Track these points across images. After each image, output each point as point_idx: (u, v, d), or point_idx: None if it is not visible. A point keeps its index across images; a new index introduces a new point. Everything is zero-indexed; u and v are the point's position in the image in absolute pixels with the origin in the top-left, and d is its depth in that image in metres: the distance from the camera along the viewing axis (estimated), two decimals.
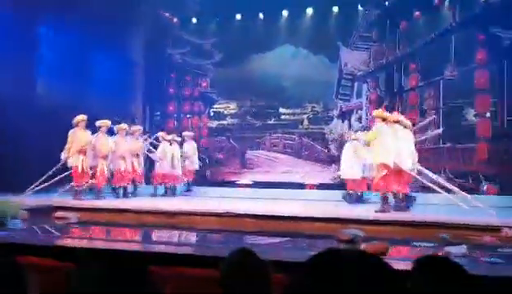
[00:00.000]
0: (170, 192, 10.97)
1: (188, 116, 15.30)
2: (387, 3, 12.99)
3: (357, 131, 11.58)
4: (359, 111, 13.52)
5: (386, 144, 7.54)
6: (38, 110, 11.04)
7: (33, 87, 11.78)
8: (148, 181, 11.45)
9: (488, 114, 11.53)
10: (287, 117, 14.40)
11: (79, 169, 9.05)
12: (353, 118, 13.57)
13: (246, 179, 13.71)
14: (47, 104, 11.34)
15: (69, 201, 8.63)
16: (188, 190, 11.57)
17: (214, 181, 13.94)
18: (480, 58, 11.50)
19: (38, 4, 11.28)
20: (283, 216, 7.20)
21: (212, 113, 15.23)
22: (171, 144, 11.22)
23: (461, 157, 11.86)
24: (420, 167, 8.43)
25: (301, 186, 12.42)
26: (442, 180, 8.74)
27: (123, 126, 10.35)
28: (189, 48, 15.18)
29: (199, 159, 12.62)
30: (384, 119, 7.92)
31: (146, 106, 15.21)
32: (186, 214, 7.71)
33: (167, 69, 15.31)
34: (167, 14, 15.14)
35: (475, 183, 11.45)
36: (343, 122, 13.67)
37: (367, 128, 13.10)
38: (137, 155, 10.40)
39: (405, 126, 8.20)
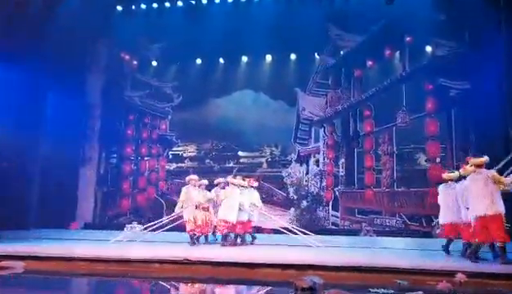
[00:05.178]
0: None
1: (146, 158, 15.05)
2: (342, 53, 13.59)
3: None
4: (316, 155, 13.75)
5: None
6: None
7: None
8: None
9: (438, 160, 12.06)
10: (246, 160, 14.44)
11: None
12: (311, 161, 13.78)
13: None
14: None
15: (16, 248, 8.10)
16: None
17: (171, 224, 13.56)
18: (430, 106, 12.20)
19: None
20: (239, 263, 7.04)
21: (170, 156, 15.06)
22: None
23: (414, 200, 12.23)
24: None
25: (258, 230, 12.28)
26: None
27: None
28: (148, 91, 15.15)
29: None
30: None
31: (103, 148, 14.88)
32: (141, 261, 7.40)
33: (125, 111, 15.13)
34: (126, 56, 15.13)
35: (429, 226, 11.78)
36: (301, 165, 13.84)
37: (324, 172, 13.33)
38: None
39: None
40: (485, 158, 7.10)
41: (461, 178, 7.73)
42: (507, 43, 10.77)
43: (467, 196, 7.22)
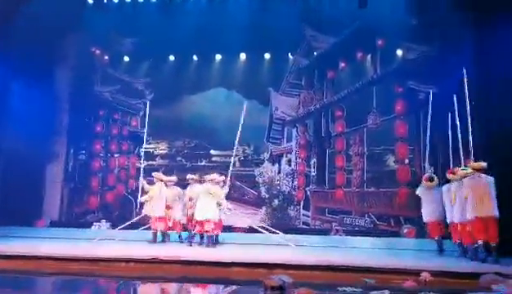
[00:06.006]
0: None
1: (116, 155, 14.79)
2: (315, 54, 13.70)
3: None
4: (289, 154, 13.83)
5: None
6: None
7: None
8: None
9: (407, 161, 12.33)
10: (218, 159, 14.37)
11: None
12: (283, 161, 13.84)
13: None
14: None
15: None
16: None
17: (141, 223, 13.37)
18: (399, 109, 12.46)
19: None
20: (210, 262, 7.01)
21: (141, 153, 14.81)
22: None
23: (383, 201, 12.45)
24: None
25: (229, 229, 12.24)
26: None
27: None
28: (119, 86, 14.88)
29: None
30: None
31: (71, 144, 14.53)
32: (108, 261, 7.26)
33: (95, 106, 14.81)
34: (97, 51, 14.82)
35: (397, 226, 12.03)
36: (273, 164, 13.89)
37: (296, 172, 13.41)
38: None
39: None
40: (484, 163, 7.41)
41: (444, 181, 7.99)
42: (476, 49, 11.03)
43: (461, 196, 7.46)
